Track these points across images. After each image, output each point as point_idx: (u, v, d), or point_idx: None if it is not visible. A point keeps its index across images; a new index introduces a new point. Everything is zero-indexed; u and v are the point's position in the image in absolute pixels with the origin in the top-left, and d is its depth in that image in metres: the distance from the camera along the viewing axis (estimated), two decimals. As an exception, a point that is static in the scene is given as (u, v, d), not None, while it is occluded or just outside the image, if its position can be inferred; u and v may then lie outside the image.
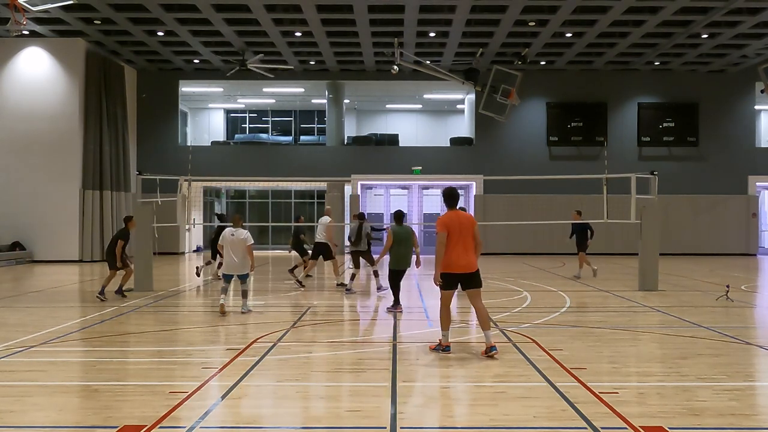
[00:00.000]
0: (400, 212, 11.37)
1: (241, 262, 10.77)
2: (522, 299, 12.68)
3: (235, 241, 10.78)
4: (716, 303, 12.03)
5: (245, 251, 10.75)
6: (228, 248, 10.81)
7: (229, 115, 33.24)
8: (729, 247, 26.82)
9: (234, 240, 10.79)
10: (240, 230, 10.88)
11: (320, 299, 12.82)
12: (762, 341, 8.60)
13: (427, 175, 25.77)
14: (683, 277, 17.37)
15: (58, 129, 22.64)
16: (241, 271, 10.83)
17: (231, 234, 10.85)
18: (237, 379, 6.45)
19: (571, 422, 5.17)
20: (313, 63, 26.35)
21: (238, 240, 10.76)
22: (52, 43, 22.79)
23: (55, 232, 22.52)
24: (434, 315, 11.13)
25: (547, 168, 26.78)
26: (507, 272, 18.20)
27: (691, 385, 6.29)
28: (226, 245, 10.83)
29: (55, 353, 7.81)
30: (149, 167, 23.82)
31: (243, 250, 10.74)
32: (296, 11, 20.06)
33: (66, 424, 5.18)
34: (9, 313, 10.94)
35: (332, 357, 7.60)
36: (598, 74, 27.35)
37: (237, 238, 10.78)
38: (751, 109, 27.85)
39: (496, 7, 19.82)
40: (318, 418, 5.47)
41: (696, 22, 20.90)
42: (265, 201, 31.39)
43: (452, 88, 26.78)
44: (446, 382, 6.58)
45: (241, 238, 10.77)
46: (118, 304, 11.85)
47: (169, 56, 25.31)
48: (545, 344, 8.12)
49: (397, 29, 21.46)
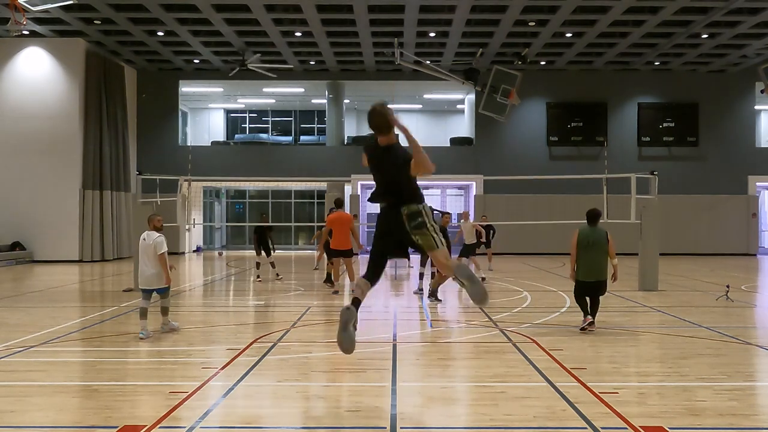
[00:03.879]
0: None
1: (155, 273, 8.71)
2: (522, 299, 12.67)
3: (145, 248, 8.73)
4: (716, 303, 12.02)
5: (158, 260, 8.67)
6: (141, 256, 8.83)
7: (229, 115, 33.24)
8: (729, 247, 26.81)
9: (145, 246, 8.74)
10: (151, 233, 8.78)
11: (320, 299, 12.82)
12: (762, 341, 8.59)
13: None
14: (683, 277, 17.36)
15: (58, 129, 22.63)
16: (157, 284, 8.77)
17: (143, 239, 8.80)
18: (237, 379, 6.45)
19: (571, 422, 5.17)
20: (313, 63, 26.35)
21: (148, 246, 8.71)
22: (52, 43, 22.78)
23: (55, 232, 22.50)
24: (434, 315, 11.13)
25: (547, 168, 26.77)
26: (507, 272, 18.19)
27: (691, 385, 6.29)
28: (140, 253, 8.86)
29: (55, 353, 7.81)
30: (149, 167, 23.82)
31: (155, 258, 8.68)
32: (296, 11, 20.06)
33: (66, 424, 5.18)
34: (9, 313, 10.93)
35: (332, 357, 7.60)
36: (598, 74, 27.34)
37: (146, 244, 8.72)
38: (751, 109, 27.85)
39: (496, 7, 19.82)
40: (318, 418, 5.47)
41: (696, 22, 20.89)
42: (265, 201, 31.38)
43: (452, 88, 26.77)
44: (446, 382, 6.57)
45: (150, 243, 8.69)
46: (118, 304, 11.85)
47: (169, 56, 25.31)
48: (545, 344, 8.11)
49: (397, 29, 21.45)
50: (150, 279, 8.72)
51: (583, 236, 9.04)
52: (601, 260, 9.04)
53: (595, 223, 9.25)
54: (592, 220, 9.24)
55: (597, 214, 9.34)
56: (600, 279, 9.09)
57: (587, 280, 9.03)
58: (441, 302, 12.08)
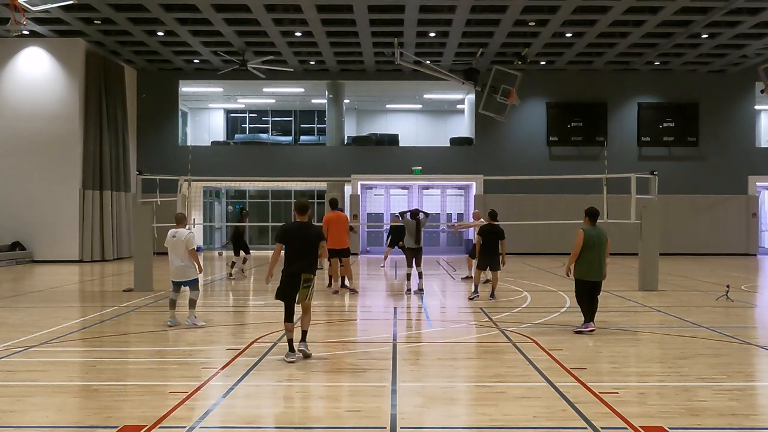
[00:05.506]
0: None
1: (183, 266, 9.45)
2: (522, 299, 12.67)
3: (175, 243, 9.51)
4: (716, 303, 12.03)
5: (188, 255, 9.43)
6: (170, 252, 9.56)
7: (229, 115, 33.22)
8: (729, 247, 26.81)
9: (174, 242, 9.51)
10: (181, 230, 9.58)
11: (320, 299, 12.81)
12: (762, 341, 8.60)
13: (427, 175, 25.76)
14: (683, 277, 17.36)
15: (58, 129, 22.63)
16: (185, 277, 9.54)
17: (173, 236, 9.54)
18: (237, 379, 6.46)
19: (571, 422, 5.18)
20: (313, 63, 26.34)
21: (178, 241, 9.48)
22: (52, 43, 22.78)
23: (55, 232, 22.50)
24: (434, 315, 11.13)
25: (547, 168, 26.77)
26: (507, 272, 18.18)
27: (691, 385, 6.29)
28: (168, 248, 9.58)
29: (55, 353, 7.81)
30: (149, 167, 23.82)
31: (184, 253, 9.43)
32: (296, 11, 20.06)
33: (66, 424, 5.18)
34: (9, 313, 10.93)
35: (332, 357, 7.61)
36: (598, 74, 27.34)
37: (177, 240, 9.50)
38: (751, 109, 27.85)
39: (496, 7, 19.82)
40: (318, 418, 5.47)
41: (696, 22, 20.89)
42: (265, 201, 31.38)
43: (452, 88, 26.76)
44: (446, 382, 6.57)
45: (182, 239, 9.45)
46: (118, 304, 11.85)
47: (169, 56, 25.31)
48: (545, 344, 8.11)
49: (397, 29, 21.45)
50: (178, 272, 9.46)
51: (588, 236, 9.01)
52: (602, 259, 9.06)
53: (596, 221, 9.27)
54: (594, 218, 9.26)
55: (598, 212, 9.38)
56: (601, 278, 9.11)
57: (591, 280, 9.03)
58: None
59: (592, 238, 9.01)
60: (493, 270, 12.53)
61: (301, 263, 7.39)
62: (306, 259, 7.43)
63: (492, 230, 12.58)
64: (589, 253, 8.97)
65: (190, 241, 9.39)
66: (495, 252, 12.45)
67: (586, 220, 9.31)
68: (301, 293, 7.41)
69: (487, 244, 12.46)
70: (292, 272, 7.40)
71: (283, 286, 7.49)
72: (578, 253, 9.00)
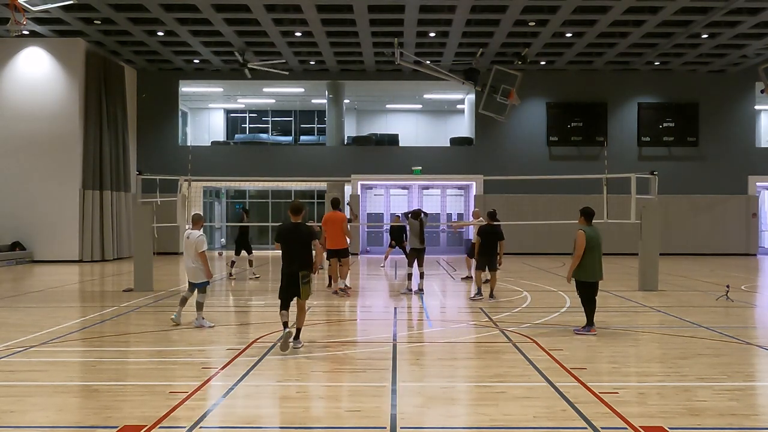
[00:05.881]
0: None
1: (194, 267, 9.50)
2: (522, 299, 12.68)
3: (188, 245, 9.53)
4: (716, 303, 12.03)
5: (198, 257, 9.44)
6: (185, 252, 9.67)
7: (229, 115, 33.21)
8: (729, 247, 26.80)
9: (188, 243, 9.54)
10: (194, 232, 9.56)
11: (320, 299, 12.81)
12: (762, 341, 8.60)
13: (427, 175, 25.75)
14: (683, 277, 17.36)
15: (58, 129, 22.62)
16: (195, 279, 9.58)
17: (186, 237, 9.61)
18: (237, 379, 6.46)
19: (571, 422, 5.18)
20: (313, 63, 26.34)
21: (190, 243, 9.48)
22: (52, 43, 22.78)
23: (55, 232, 22.50)
24: (434, 315, 11.13)
25: (547, 168, 26.76)
26: (507, 272, 18.18)
27: (691, 385, 6.29)
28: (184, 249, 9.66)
29: (55, 353, 7.81)
30: (149, 167, 23.82)
31: (195, 255, 9.44)
32: (296, 11, 20.05)
33: (66, 424, 5.19)
34: (9, 313, 10.93)
35: (332, 357, 7.61)
36: (598, 74, 27.34)
37: (189, 242, 9.50)
38: (751, 109, 27.84)
39: (496, 7, 19.82)
40: (318, 418, 5.47)
41: (696, 22, 20.89)
42: (265, 201, 31.38)
43: (452, 88, 26.76)
44: (446, 382, 6.57)
45: (192, 241, 9.46)
46: (118, 304, 11.84)
47: (169, 56, 25.31)
48: (545, 344, 8.12)
49: (397, 29, 21.45)
50: (190, 272, 9.57)
51: (590, 237, 8.96)
52: (601, 259, 9.05)
53: (592, 220, 9.24)
54: (590, 218, 9.21)
55: (593, 211, 9.33)
56: (601, 278, 9.10)
57: (593, 281, 9.02)
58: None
59: (593, 238, 8.96)
60: (492, 270, 12.55)
61: (297, 262, 7.83)
62: (301, 257, 7.84)
63: (491, 230, 12.61)
64: (591, 253, 8.93)
65: (199, 244, 9.41)
66: (493, 252, 12.48)
67: (582, 220, 9.16)
68: (303, 290, 7.81)
69: (486, 244, 12.48)
70: (292, 271, 7.83)
71: (283, 285, 7.93)
72: (582, 255, 8.91)
